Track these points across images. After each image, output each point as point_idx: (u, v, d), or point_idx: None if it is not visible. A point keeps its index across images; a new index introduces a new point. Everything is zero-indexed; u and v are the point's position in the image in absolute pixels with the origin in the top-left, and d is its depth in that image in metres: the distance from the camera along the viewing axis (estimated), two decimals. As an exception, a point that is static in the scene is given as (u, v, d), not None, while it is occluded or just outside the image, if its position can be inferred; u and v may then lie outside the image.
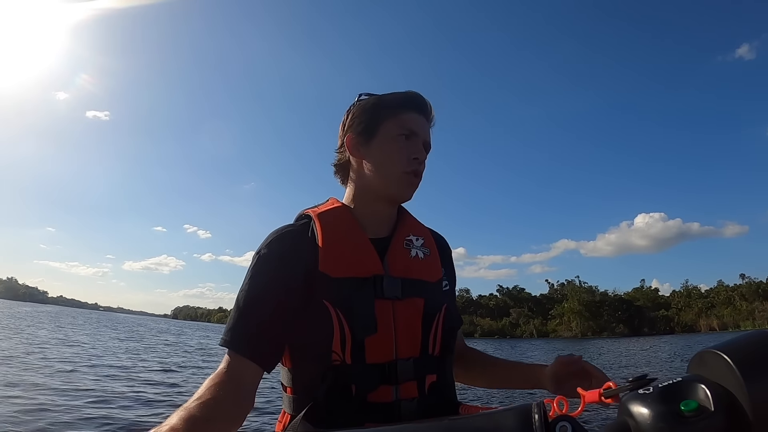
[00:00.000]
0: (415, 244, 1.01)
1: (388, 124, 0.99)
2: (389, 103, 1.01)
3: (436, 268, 1.02)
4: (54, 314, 59.03)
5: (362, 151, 1.01)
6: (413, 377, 0.89)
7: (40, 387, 7.69)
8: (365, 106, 1.02)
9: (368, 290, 0.89)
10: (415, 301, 0.93)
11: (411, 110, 1.01)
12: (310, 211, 0.99)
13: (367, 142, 1.00)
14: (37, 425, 5.35)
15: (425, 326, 0.92)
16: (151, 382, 9.60)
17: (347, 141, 1.02)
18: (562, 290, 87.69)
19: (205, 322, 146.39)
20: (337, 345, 0.85)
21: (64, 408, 6.37)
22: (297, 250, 0.92)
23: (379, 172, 0.99)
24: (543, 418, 0.44)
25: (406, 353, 0.90)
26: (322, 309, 0.86)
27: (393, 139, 0.99)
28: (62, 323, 36.01)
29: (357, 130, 1.01)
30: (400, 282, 0.92)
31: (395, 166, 0.98)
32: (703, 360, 0.49)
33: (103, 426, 5.70)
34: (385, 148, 0.99)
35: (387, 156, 0.99)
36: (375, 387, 0.86)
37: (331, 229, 0.94)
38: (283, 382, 0.95)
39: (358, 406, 0.85)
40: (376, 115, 1.00)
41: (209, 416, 0.72)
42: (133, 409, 6.80)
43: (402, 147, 0.99)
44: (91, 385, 8.44)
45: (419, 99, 1.03)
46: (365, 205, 1.02)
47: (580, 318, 77.23)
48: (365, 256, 0.93)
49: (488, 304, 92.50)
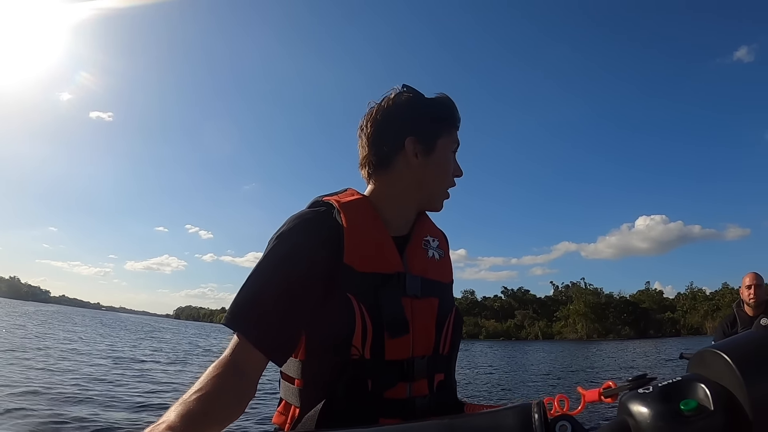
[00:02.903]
0: (431, 245, 1.03)
1: (446, 140, 1.03)
2: (447, 119, 1.04)
3: (449, 270, 1.06)
4: (66, 314, 59.34)
5: (421, 159, 1.00)
6: (425, 375, 0.91)
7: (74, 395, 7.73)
8: (421, 112, 1.01)
9: (395, 287, 0.90)
10: (431, 300, 0.95)
11: (457, 127, 1.06)
12: (332, 200, 0.95)
13: (427, 153, 1.00)
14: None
15: (438, 326, 0.95)
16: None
17: (409, 144, 0.99)
18: (566, 292, 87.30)
19: (208, 322, 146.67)
20: (358, 339, 0.84)
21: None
22: (320, 238, 0.88)
23: (428, 184, 1.02)
24: (543, 417, 0.44)
25: (420, 351, 0.91)
26: (346, 302, 0.84)
27: (447, 158, 1.03)
28: (80, 324, 36.05)
29: (421, 137, 1.00)
30: (419, 280, 0.94)
31: (444, 184, 1.04)
32: (703, 359, 0.49)
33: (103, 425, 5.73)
34: (442, 163, 1.02)
35: (440, 172, 1.02)
36: (393, 384, 0.87)
37: (357, 222, 0.92)
38: (288, 373, 0.92)
39: (374, 402, 0.86)
40: (438, 129, 1.02)
41: (208, 410, 0.70)
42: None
43: (452, 165, 1.05)
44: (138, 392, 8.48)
45: (459, 116, 1.06)
46: (393, 205, 1.00)
47: (586, 320, 76.77)
48: (389, 253, 0.94)
49: (493, 305, 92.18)
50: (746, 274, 3.79)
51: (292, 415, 0.90)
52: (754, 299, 3.68)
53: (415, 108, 1.00)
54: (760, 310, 3.68)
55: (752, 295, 3.69)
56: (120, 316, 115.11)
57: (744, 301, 3.78)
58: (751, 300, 3.70)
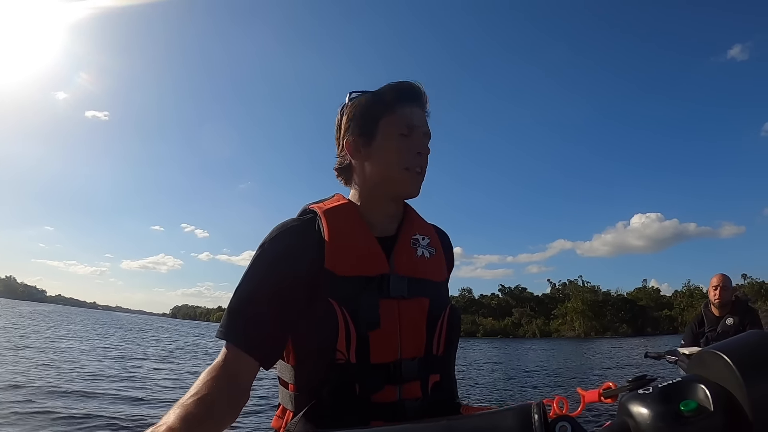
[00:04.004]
0: (421, 243, 1.00)
1: (387, 122, 0.98)
2: (384, 100, 0.99)
3: (442, 268, 1.03)
4: (62, 314, 59.26)
5: (364, 152, 0.99)
6: (417, 377, 0.89)
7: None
8: (360, 106, 1.00)
9: (374, 289, 0.89)
10: (420, 300, 0.93)
11: (407, 103, 0.99)
12: (316, 207, 0.98)
13: (367, 144, 0.99)
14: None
15: (430, 326, 0.93)
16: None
17: (347, 144, 1.01)
18: (564, 290, 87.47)
19: (205, 321, 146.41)
20: (342, 344, 0.84)
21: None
22: (302, 245, 0.91)
23: (383, 171, 0.98)
24: (542, 418, 0.44)
25: (410, 353, 0.90)
26: (328, 307, 0.85)
27: (394, 137, 0.97)
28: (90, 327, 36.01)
29: (356, 132, 1.00)
30: (406, 281, 0.92)
31: (400, 164, 0.97)
32: (702, 360, 0.49)
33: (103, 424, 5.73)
34: (387, 147, 0.97)
35: (390, 155, 0.97)
36: (379, 387, 0.86)
37: (338, 227, 0.93)
38: (284, 378, 0.95)
39: (362, 406, 0.85)
40: (374, 114, 0.98)
41: (205, 413, 0.72)
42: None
43: (404, 144, 0.97)
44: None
45: (413, 89, 1.01)
46: (371, 204, 1.00)
47: (584, 318, 76.94)
48: (372, 255, 0.93)
49: (490, 303, 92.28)
50: (714, 275, 4.01)
51: (287, 419, 0.92)
52: (719, 300, 3.85)
53: (353, 107, 1.01)
54: (726, 311, 3.85)
55: (718, 296, 3.86)
56: (116, 315, 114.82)
57: (711, 301, 3.95)
58: (716, 300, 3.88)
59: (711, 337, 3.83)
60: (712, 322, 3.89)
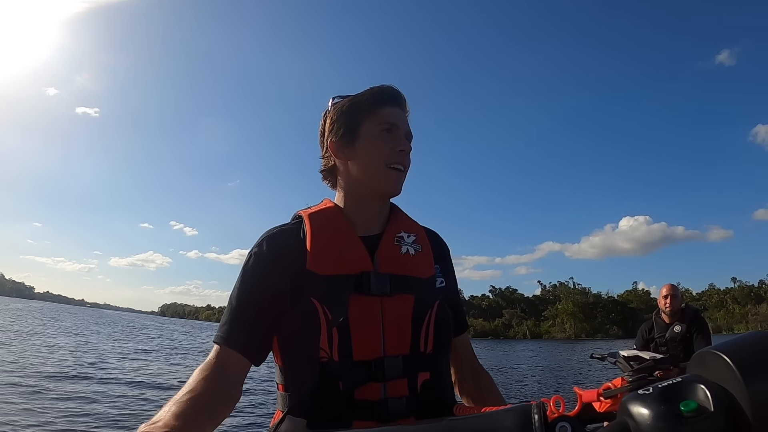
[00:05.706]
0: (406, 241, 1.00)
1: (368, 123, 1.00)
2: (365, 101, 1.02)
3: (428, 265, 1.01)
4: (53, 311, 58.68)
5: (347, 153, 1.01)
6: (402, 375, 0.89)
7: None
8: (342, 109, 1.03)
9: (348, 286, 0.90)
10: (404, 297, 0.93)
11: (387, 104, 1.02)
12: (302, 212, 1.02)
13: (350, 144, 1.01)
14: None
15: (416, 323, 0.92)
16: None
17: (330, 146, 1.03)
18: (554, 292, 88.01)
19: (194, 319, 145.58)
20: (325, 342, 0.86)
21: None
22: (287, 249, 0.95)
23: (366, 170, 1.00)
24: (543, 419, 0.44)
25: (394, 351, 0.90)
26: (310, 306, 0.88)
27: (375, 136, 1.00)
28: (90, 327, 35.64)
29: (338, 134, 1.02)
30: (388, 278, 0.93)
31: (381, 162, 0.99)
32: (702, 360, 0.48)
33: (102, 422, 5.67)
34: (369, 146, 1.00)
35: (372, 153, 0.99)
36: (361, 384, 0.87)
37: (320, 228, 0.96)
38: (276, 380, 0.98)
39: (346, 403, 0.86)
40: (355, 116, 1.01)
41: (199, 409, 0.76)
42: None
43: (385, 142, 0.99)
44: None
45: (393, 92, 1.04)
46: (356, 204, 1.02)
47: (574, 319, 77.55)
48: (353, 253, 0.94)
49: (481, 304, 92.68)
50: (663, 285, 4.23)
51: (276, 419, 0.95)
52: (670, 308, 4.04)
53: (336, 110, 1.03)
54: (675, 318, 4.03)
55: (668, 304, 4.05)
56: (104, 313, 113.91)
57: (661, 309, 4.13)
58: (667, 309, 4.06)
59: (660, 343, 4.06)
60: (661, 329, 4.09)
